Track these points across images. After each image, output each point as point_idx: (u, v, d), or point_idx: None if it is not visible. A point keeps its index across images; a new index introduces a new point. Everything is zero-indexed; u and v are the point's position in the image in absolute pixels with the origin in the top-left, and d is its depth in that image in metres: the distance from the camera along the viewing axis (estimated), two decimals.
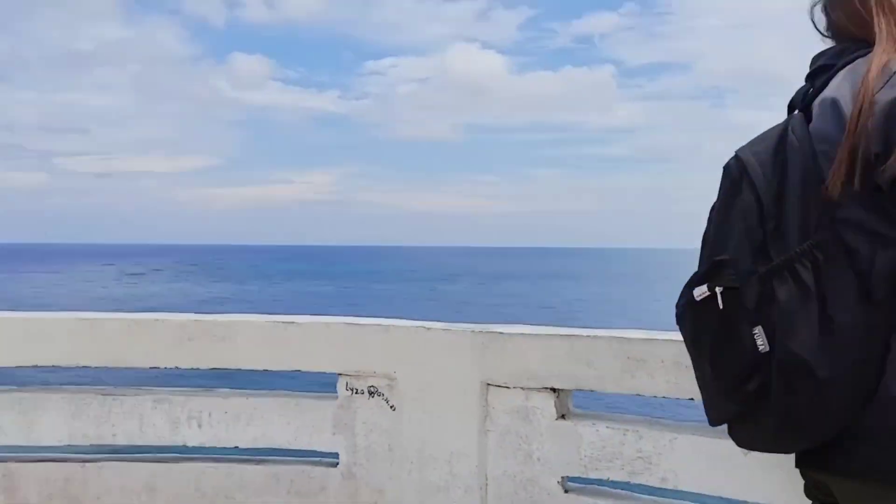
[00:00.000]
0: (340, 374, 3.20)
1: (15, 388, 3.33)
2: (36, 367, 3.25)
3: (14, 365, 3.25)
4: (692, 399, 2.69)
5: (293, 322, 3.21)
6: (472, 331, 3.01)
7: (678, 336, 2.75)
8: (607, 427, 2.85)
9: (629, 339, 2.79)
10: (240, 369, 3.25)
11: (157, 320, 3.25)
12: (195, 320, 3.24)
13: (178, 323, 3.24)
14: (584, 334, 2.87)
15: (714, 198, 1.78)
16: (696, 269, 1.74)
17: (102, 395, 3.28)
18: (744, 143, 1.75)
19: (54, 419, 3.25)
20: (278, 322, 3.21)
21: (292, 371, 3.23)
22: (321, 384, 3.32)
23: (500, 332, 2.97)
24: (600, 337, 2.83)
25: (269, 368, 3.23)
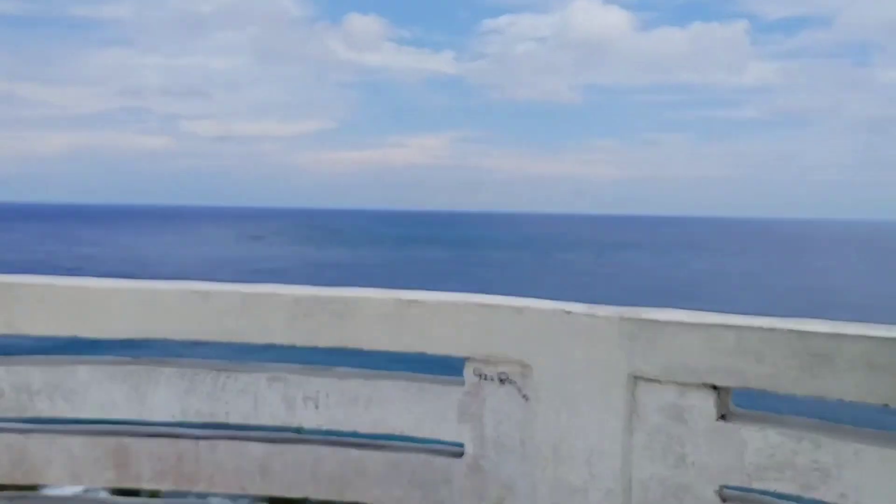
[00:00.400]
0: (468, 359, 2.90)
1: (127, 360, 3.19)
2: (147, 339, 3.09)
3: (124, 337, 3.10)
4: (886, 405, 2.30)
5: (417, 300, 2.92)
6: (621, 317, 2.65)
7: (871, 331, 2.36)
8: (778, 433, 2.45)
9: (811, 333, 2.37)
10: (359, 349, 2.99)
11: (273, 294, 3.02)
12: (312, 295, 3.00)
13: (293, 297, 3.00)
14: (756, 324, 2.46)
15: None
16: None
17: (216, 370, 3.09)
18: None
19: (167, 394, 3.09)
20: (401, 300, 2.93)
21: (415, 353, 2.95)
22: (445, 368, 3.03)
23: (654, 320, 2.60)
24: (776, 329, 2.42)
25: (389, 349, 2.96)
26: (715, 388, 2.53)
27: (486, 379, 2.88)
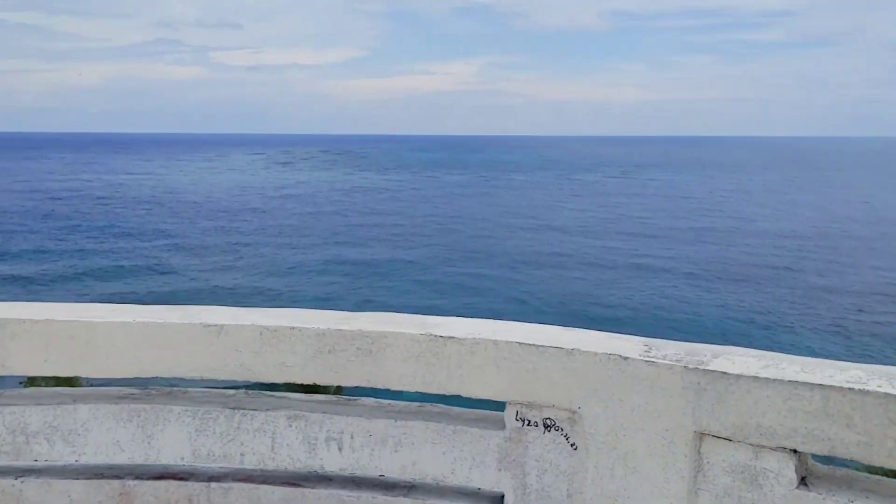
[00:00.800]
0: (509, 402, 2.59)
1: (134, 395, 2.91)
2: (156, 378, 2.80)
3: (131, 375, 2.81)
4: None
5: (453, 337, 2.59)
6: (685, 367, 2.30)
7: None
8: None
9: None
10: (388, 389, 2.68)
11: (293, 328, 2.70)
12: (337, 329, 2.68)
13: (316, 332, 2.68)
14: (846, 385, 2.11)
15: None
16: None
17: (230, 408, 2.81)
18: None
19: (176, 434, 2.81)
20: (436, 336, 2.60)
21: (451, 396, 2.64)
22: (483, 407, 2.73)
23: (724, 372, 2.25)
24: (870, 392, 2.07)
25: (422, 390, 2.65)
26: (796, 451, 2.21)
27: (529, 424, 2.57)
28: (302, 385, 2.85)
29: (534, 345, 2.51)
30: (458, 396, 2.62)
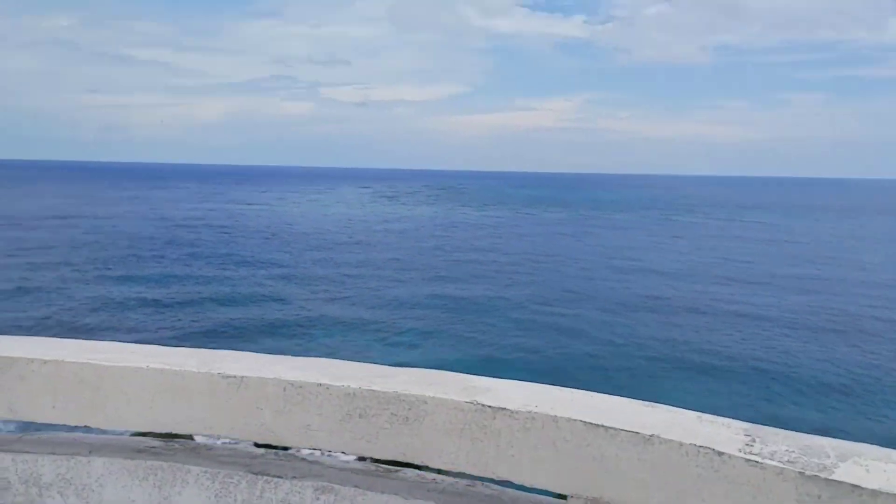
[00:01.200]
0: (571, 495, 2.13)
1: (153, 448, 2.59)
2: (170, 434, 2.48)
3: (143, 429, 2.51)
4: None
5: (504, 408, 2.15)
6: (801, 472, 1.79)
7: None
8: None
9: None
10: (427, 466, 2.26)
11: (320, 385, 2.33)
12: (370, 389, 2.28)
13: (346, 392, 2.30)
14: None
15: None
16: None
17: (253, 473, 2.45)
18: None
19: (194, 498, 2.49)
20: (483, 406, 2.17)
21: (500, 481, 2.20)
22: (541, 491, 2.28)
23: (855, 486, 1.73)
24: None
25: (465, 470, 2.22)
26: None
27: None
28: None
29: (602, 426, 2.05)
30: (510, 483, 2.18)
